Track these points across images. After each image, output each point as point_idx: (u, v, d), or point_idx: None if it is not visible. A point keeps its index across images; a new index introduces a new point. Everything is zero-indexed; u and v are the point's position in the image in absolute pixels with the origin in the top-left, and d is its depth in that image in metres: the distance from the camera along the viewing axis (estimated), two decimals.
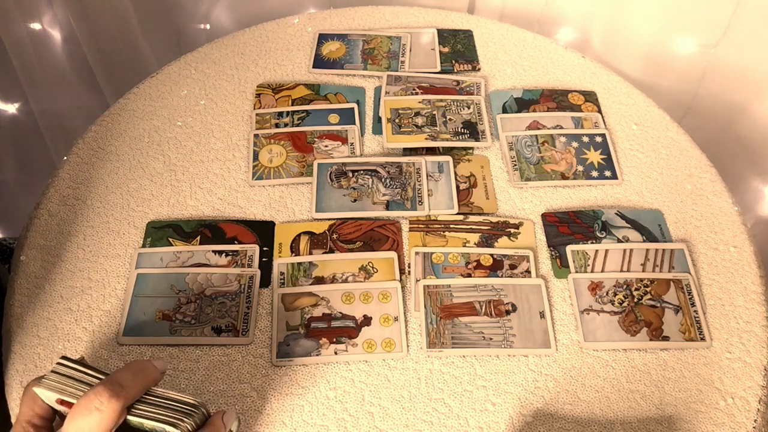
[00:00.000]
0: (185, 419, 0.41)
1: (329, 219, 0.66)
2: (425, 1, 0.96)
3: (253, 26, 0.84)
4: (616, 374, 0.57)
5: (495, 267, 0.62)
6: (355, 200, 0.67)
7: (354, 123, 0.73)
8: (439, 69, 0.79)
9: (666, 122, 0.75)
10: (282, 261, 0.62)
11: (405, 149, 0.71)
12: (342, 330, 0.58)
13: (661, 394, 0.56)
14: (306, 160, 0.70)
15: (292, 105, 0.75)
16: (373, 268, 0.62)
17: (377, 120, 0.74)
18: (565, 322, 0.60)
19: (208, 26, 1.10)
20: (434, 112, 0.73)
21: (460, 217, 0.66)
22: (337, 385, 0.56)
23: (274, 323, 0.59)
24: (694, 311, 0.60)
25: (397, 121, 0.72)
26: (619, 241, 0.65)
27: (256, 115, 0.73)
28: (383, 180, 0.68)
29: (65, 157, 0.71)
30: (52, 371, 0.41)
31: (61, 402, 0.41)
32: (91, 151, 0.71)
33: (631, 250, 0.64)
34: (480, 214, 0.66)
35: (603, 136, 0.72)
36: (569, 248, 0.64)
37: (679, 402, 0.56)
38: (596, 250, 0.64)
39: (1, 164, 1.11)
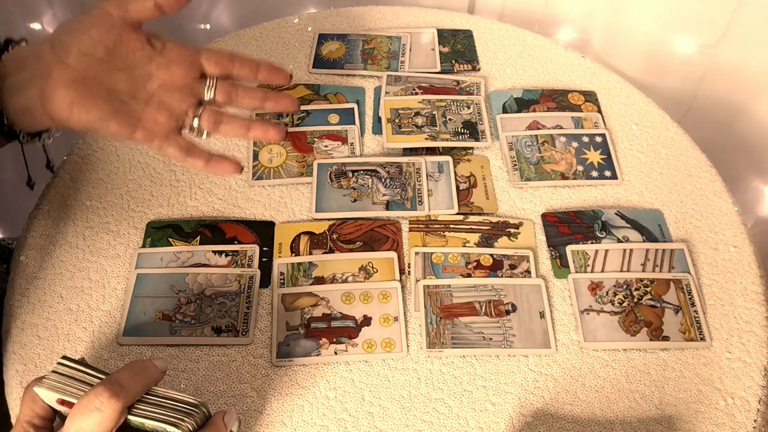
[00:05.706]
0: (186, 419, 0.41)
1: (329, 219, 0.66)
2: (425, 1, 0.96)
3: (253, 26, 0.84)
4: (616, 374, 0.57)
5: (495, 267, 0.62)
6: (355, 200, 0.67)
7: (354, 123, 0.73)
8: (439, 69, 0.79)
9: (666, 122, 0.75)
10: (282, 261, 0.62)
11: (405, 149, 0.71)
12: (342, 330, 0.58)
13: (661, 394, 0.56)
14: (306, 160, 0.70)
15: None
16: (373, 268, 0.62)
17: (377, 120, 0.74)
18: (565, 322, 0.60)
19: (208, 26, 1.10)
20: (434, 112, 0.73)
21: (460, 217, 0.66)
22: (337, 385, 0.56)
23: (274, 323, 0.59)
24: (694, 311, 0.60)
25: (397, 121, 0.72)
26: (619, 241, 0.65)
27: (256, 115, 0.73)
28: (383, 180, 0.68)
29: (65, 157, 0.71)
30: (53, 371, 0.41)
31: (62, 402, 0.41)
32: (91, 151, 0.71)
33: (631, 250, 0.64)
34: (480, 214, 0.66)
35: (603, 136, 0.72)
36: (569, 248, 0.64)
37: (679, 402, 0.56)
38: (596, 250, 0.64)
39: (1, 164, 1.11)
